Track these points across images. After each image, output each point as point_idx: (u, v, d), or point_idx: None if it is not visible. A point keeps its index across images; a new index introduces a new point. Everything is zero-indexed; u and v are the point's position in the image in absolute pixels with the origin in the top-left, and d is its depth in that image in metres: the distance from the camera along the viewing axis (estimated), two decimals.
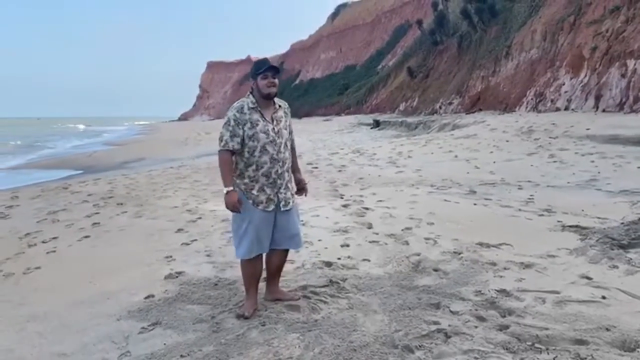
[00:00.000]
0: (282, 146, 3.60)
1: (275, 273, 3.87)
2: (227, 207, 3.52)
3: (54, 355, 3.20)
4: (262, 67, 3.56)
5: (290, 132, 3.79)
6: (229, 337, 3.24)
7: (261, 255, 3.69)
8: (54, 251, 5.76)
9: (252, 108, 3.55)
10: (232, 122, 3.51)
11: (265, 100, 3.58)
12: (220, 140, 3.53)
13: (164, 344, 3.24)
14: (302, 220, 4.13)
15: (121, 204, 8.49)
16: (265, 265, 3.81)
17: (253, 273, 3.68)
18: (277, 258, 3.82)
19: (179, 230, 6.31)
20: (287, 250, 3.86)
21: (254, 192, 3.54)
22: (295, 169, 3.88)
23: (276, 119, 3.61)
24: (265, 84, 3.52)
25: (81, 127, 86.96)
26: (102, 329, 3.52)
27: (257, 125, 3.51)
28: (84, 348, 3.26)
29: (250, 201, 3.54)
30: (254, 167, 3.53)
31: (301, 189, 3.87)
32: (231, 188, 3.51)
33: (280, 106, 3.69)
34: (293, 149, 3.86)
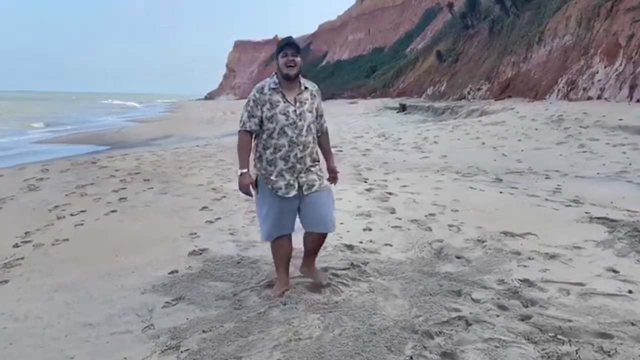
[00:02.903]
0: (304, 129, 3.45)
1: (309, 254, 3.79)
2: (240, 189, 3.48)
3: (80, 325, 3.29)
4: (282, 45, 3.44)
5: (320, 116, 3.66)
6: (250, 315, 3.29)
7: (288, 235, 3.64)
8: (82, 224, 5.89)
9: (274, 89, 3.45)
10: (251, 103, 3.46)
11: (287, 80, 3.44)
12: (240, 120, 3.50)
13: (187, 318, 3.30)
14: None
15: (147, 180, 8.62)
16: (303, 242, 3.76)
17: (279, 252, 3.65)
18: (310, 241, 3.71)
19: (204, 208, 6.39)
20: (321, 234, 3.68)
21: (273, 177, 3.45)
22: (327, 157, 3.78)
23: (300, 101, 3.46)
24: (284, 63, 3.39)
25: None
26: (127, 302, 3.60)
27: (277, 106, 3.41)
28: (109, 319, 3.35)
29: (269, 186, 3.47)
30: (271, 149, 3.44)
31: (332, 178, 3.77)
32: (245, 170, 3.44)
33: (306, 88, 3.54)
34: (325, 134, 3.75)
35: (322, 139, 3.74)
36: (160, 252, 4.66)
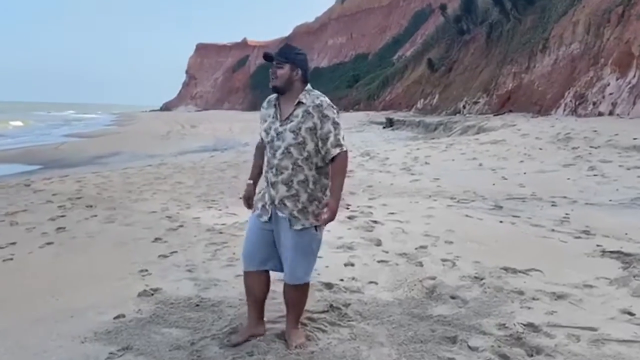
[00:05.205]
0: (279, 151, 3.38)
1: (285, 304, 3.63)
2: None
3: None
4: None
5: (323, 139, 3.35)
6: None
7: (260, 273, 3.59)
8: (11, 259, 5.77)
9: (272, 102, 3.56)
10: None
11: (280, 94, 3.49)
12: None
13: None
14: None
15: (91, 206, 8.53)
16: None
17: (246, 289, 3.65)
18: (284, 287, 3.59)
19: (157, 239, 6.32)
20: (291, 285, 3.52)
21: (258, 196, 3.59)
22: (331, 190, 3.43)
23: (289, 118, 3.41)
24: (269, 76, 3.47)
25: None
26: (64, 353, 3.51)
27: (266, 121, 3.53)
28: None
29: (253, 207, 3.61)
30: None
31: (319, 213, 3.39)
32: (251, 181, 3.70)
33: (301, 102, 3.39)
34: (334, 163, 3.38)
35: (331, 168, 3.42)
36: (104, 293, 4.57)
